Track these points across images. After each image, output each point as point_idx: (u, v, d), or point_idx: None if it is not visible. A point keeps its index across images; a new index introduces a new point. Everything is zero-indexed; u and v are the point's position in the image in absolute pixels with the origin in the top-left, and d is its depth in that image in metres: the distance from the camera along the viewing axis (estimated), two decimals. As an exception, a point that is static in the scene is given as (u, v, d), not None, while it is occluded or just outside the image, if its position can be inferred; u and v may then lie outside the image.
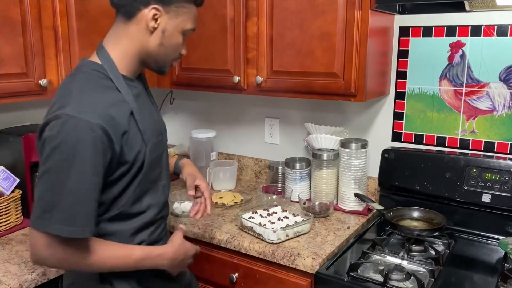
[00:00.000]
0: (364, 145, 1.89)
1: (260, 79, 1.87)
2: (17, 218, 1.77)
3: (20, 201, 1.78)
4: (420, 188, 1.83)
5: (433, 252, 1.58)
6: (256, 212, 1.80)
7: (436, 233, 1.66)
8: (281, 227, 1.65)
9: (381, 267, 1.47)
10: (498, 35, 1.72)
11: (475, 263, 1.57)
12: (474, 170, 1.73)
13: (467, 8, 1.71)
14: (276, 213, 1.81)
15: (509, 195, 1.67)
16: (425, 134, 1.93)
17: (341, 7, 1.66)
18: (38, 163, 1.79)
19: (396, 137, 2.00)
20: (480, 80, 1.78)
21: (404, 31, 1.90)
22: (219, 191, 2.14)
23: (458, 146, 1.86)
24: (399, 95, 1.96)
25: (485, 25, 1.74)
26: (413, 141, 1.96)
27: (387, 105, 2.00)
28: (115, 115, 1.10)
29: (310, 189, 2.03)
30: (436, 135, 1.90)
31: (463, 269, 1.54)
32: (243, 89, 1.96)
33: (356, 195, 1.89)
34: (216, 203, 1.97)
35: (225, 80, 1.97)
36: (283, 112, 2.29)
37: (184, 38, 1.24)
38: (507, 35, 1.70)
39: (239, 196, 2.07)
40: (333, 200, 1.94)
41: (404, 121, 1.97)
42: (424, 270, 1.46)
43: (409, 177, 1.85)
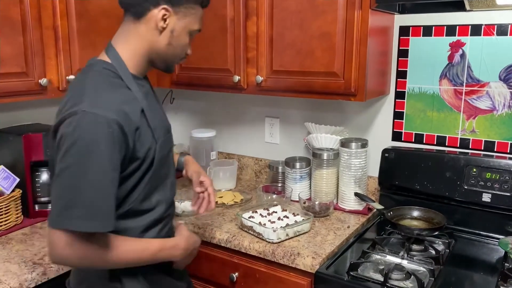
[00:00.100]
0: (364, 144, 1.89)
1: (260, 78, 1.88)
2: (17, 217, 1.77)
3: (20, 201, 1.79)
4: (420, 187, 1.83)
5: (433, 252, 1.58)
6: (256, 212, 1.81)
7: (436, 233, 1.66)
8: (281, 227, 1.65)
9: (381, 267, 1.47)
10: (498, 34, 1.72)
11: (475, 263, 1.57)
12: (474, 170, 1.73)
13: (467, 7, 1.71)
14: (276, 212, 1.81)
15: (509, 194, 1.67)
16: (425, 133, 1.93)
17: (341, 7, 1.66)
18: (38, 162, 1.82)
19: (396, 136, 2.00)
20: (480, 80, 1.78)
21: (404, 31, 1.90)
22: (219, 190, 2.14)
23: (458, 146, 1.86)
24: (399, 95, 1.96)
25: (485, 25, 1.74)
26: (413, 140, 1.96)
27: (387, 105, 2.00)
28: (128, 111, 1.11)
29: (310, 188, 2.03)
30: (436, 134, 1.91)
31: (463, 268, 1.54)
32: (243, 89, 1.96)
33: (356, 194, 1.90)
34: (216, 202, 1.97)
35: (225, 80, 1.97)
36: (283, 112, 2.29)
37: (190, 38, 1.27)
38: (507, 35, 1.70)
39: (239, 195, 2.07)
40: (333, 199, 1.94)
41: (404, 121, 1.97)
42: (424, 269, 1.46)
43: (409, 176, 1.85)
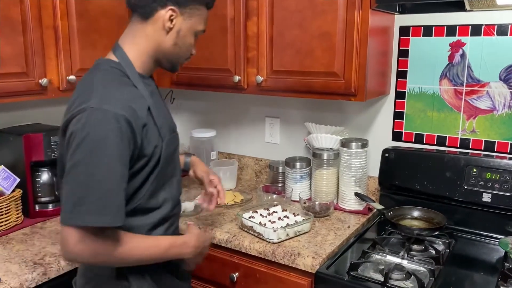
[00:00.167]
0: (364, 144, 1.89)
1: (260, 78, 1.88)
2: (17, 217, 1.77)
3: (20, 201, 1.79)
4: (420, 187, 1.83)
5: (433, 252, 1.58)
6: (257, 212, 1.81)
7: (436, 233, 1.66)
8: (282, 227, 1.65)
9: (381, 267, 1.47)
10: (498, 34, 1.72)
11: (475, 263, 1.57)
12: (474, 170, 1.73)
13: (467, 7, 1.71)
14: (276, 212, 1.81)
15: (509, 194, 1.67)
16: (425, 133, 1.93)
17: (341, 7, 1.66)
18: (38, 162, 1.82)
19: (396, 136, 2.00)
20: (480, 80, 1.78)
21: (405, 31, 1.90)
22: (220, 190, 2.13)
23: (458, 146, 1.86)
24: (399, 95, 1.96)
25: (485, 25, 1.74)
26: (414, 140, 1.96)
27: (387, 105, 2.00)
28: (135, 108, 1.13)
29: (311, 188, 2.04)
30: (436, 134, 1.91)
31: (463, 268, 1.54)
32: (243, 89, 1.96)
33: (357, 194, 1.90)
34: (217, 202, 1.97)
35: (225, 80, 1.97)
36: (283, 112, 2.29)
37: (195, 38, 1.30)
38: (507, 35, 1.70)
39: (240, 195, 2.07)
40: (334, 199, 1.94)
41: (404, 121, 1.97)
42: (424, 269, 1.46)
43: (409, 176, 1.85)
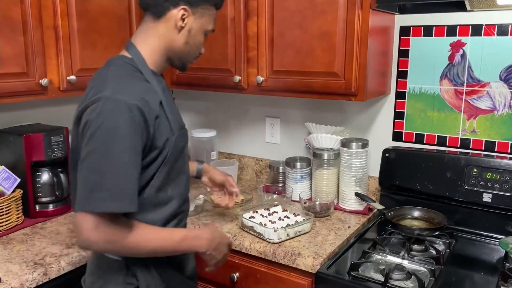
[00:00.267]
0: (364, 144, 1.89)
1: (260, 78, 1.88)
2: (18, 217, 1.77)
3: (21, 201, 1.79)
4: (421, 187, 1.83)
5: (434, 252, 1.58)
6: (257, 212, 1.81)
7: (437, 233, 1.66)
8: (282, 227, 1.65)
9: (382, 267, 1.47)
10: (498, 34, 1.72)
11: (476, 263, 1.57)
12: (475, 170, 1.73)
13: (468, 7, 1.71)
14: (276, 212, 1.81)
15: (509, 194, 1.67)
16: (425, 133, 1.93)
17: (341, 7, 1.66)
18: (38, 162, 1.82)
19: (397, 136, 2.00)
20: (481, 80, 1.78)
21: (405, 31, 1.90)
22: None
23: (459, 146, 1.86)
24: (400, 95, 1.96)
25: (486, 25, 1.74)
26: (414, 140, 1.96)
27: (388, 105, 2.00)
28: (148, 100, 1.16)
29: (311, 188, 2.04)
30: (436, 134, 1.91)
31: (463, 268, 1.54)
32: (243, 89, 1.96)
33: (357, 194, 1.90)
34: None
35: (225, 80, 1.97)
36: (283, 112, 2.29)
37: (205, 38, 1.34)
38: (507, 35, 1.70)
39: (240, 195, 2.07)
40: (334, 199, 1.94)
41: (404, 121, 1.97)
42: (425, 269, 1.46)
43: (410, 176, 1.85)
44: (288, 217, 1.76)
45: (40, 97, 1.71)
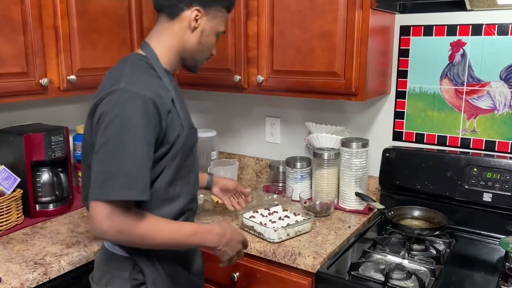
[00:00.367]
0: (365, 144, 1.89)
1: (260, 78, 1.88)
2: (18, 217, 1.77)
3: (21, 201, 1.79)
4: (421, 187, 1.83)
5: (434, 251, 1.58)
6: (257, 211, 1.81)
7: (437, 232, 1.66)
8: (282, 226, 1.65)
9: (382, 266, 1.47)
10: (498, 34, 1.72)
11: (476, 262, 1.57)
12: (475, 169, 1.73)
13: (468, 7, 1.71)
14: (277, 212, 1.81)
15: (509, 194, 1.67)
16: (426, 133, 1.93)
17: (341, 7, 1.66)
18: (39, 162, 1.82)
19: (397, 136, 2.00)
20: (481, 79, 1.78)
21: (405, 30, 1.90)
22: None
23: (459, 145, 1.86)
24: (400, 94, 1.96)
25: (486, 24, 1.74)
26: (414, 140, 1.96)
27: (388, 104, 2.00)
28: (162, 94, 1.20)
29: (311, 188, 2.04)
30: (437, 134, 1.91)
31: (464, 268, 1.54)
32: (243, 88, 1.96)
33: (357, 194, 1.90)
34: (217, 202, 1.97)
35: (225, 79, 1.97)
36: (283, 111, 2.29)
37: (216, 39, 1.37)
38: (507, 34, 1.70)
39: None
40: (334, 199, 1.94)
41: (405, 120, 1.97)
42: (425, 269, 1.46)
43: (410, 176, 1.85)
44: (288, 217, 1.76)
45: (40, 97, 1.71)
